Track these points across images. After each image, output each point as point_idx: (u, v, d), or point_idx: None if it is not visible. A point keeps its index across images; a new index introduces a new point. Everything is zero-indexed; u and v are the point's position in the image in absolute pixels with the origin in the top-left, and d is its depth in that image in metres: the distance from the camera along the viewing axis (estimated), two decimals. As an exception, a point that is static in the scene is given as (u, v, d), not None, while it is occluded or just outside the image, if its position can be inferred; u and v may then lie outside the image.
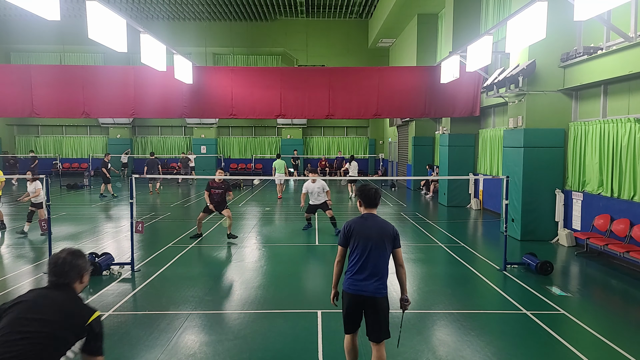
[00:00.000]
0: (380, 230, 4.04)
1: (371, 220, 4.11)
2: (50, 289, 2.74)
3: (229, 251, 9.65)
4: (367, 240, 3.99)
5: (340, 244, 4.14)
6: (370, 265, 3.97)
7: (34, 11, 6.25)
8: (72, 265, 2.76)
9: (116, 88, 14.20)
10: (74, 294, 2.78)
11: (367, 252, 3.98)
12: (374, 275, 3.96)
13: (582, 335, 5.61)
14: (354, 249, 4.04)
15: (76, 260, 2.80)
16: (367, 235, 4.01)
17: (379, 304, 3.97)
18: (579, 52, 9.66)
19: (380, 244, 3.99)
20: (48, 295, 2.68)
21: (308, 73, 15.20)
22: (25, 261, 8.79)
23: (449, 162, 16.09)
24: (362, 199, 4.19)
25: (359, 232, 4.04)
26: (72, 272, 2.76)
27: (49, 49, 29.54)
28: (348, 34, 29.61)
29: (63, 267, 2.74)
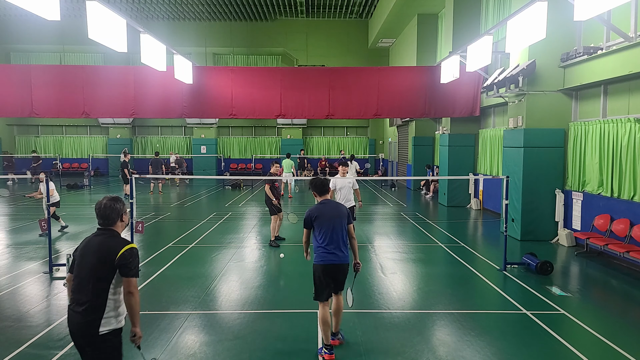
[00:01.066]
0: (337, 211, 5.04)
1: (328, 205, 5.10)
2: (96, 234, 3.51)
3: (229, 251, 9.64)
4: (329, 221, 4.95)
5: (306, 227, 5.08)
6: (335, 240, 4.92)
7: (34, 11, 6.25)
8: (112, 208, 3.48)
9: (116, 88, 14.19)
10: (116, 232, 3.52)
11: (331, 230, 4.93)
12: (340, 247, 4.94)
13: (582, 335, 5.61)
14: (320, 230, 4.95)
15: (115, 204, 3.51)
16: (329, 217, 4.97)
17: (345, 268, 5.01)
18: (579, 52, 9.66)
19: (339, 222, 4.97)
20: (89, 243, 3.46)
21: (308, 73, 15.20)
22: (25, 261, 8.79)
23: (449, 162, 16.09)
24: (315, 189, 5.21)
25: (321, 216, 4.97)
26: (113, 214, 3.49)
27: (49, 49, 29.54)
28: (348, 34, 29.61)
29: (105, 211, 3.47)
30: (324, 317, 4.91)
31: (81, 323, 3.28)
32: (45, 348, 5.13)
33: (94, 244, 3.43)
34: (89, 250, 3.40)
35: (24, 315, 6.08)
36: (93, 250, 3.39)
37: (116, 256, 3.32)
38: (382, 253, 9.58)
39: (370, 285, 7.43)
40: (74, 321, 3.32)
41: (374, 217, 14.44)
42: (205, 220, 13.37)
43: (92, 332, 3.26)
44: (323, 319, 4.91)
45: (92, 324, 3.26)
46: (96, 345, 3.30)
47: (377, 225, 12.90)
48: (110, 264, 3.32)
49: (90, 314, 3.27)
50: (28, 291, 7.10)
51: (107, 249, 3.37)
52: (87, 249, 3.42)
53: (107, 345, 3.32)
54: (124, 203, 3.59)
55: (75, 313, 3.31)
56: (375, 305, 6.51)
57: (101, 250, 3.37)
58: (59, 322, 5.85)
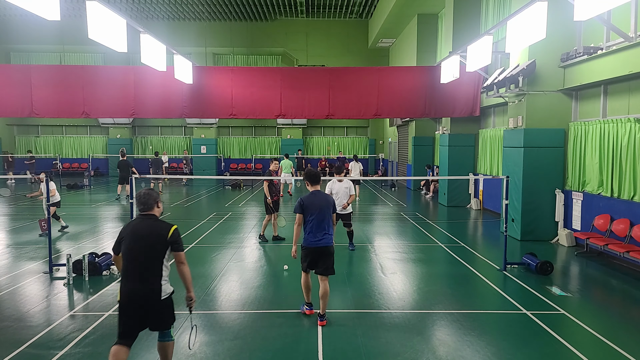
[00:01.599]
0: (325, 202, 5.80)
1: (318, 195, 5.82)
2: (140, 218, 4.18)
3: (229, 251, 9.64)
4: (318, 209, 5.71)
5: (299, 212, 5.74)
6: (322, 226, 5.73)
7: (34, 11, 6.25)
8: (150, 195, 4.22)
9: (116, 88, 14.19)
10: (155, 217, 4.22)
11: (320, 219, 5.71)
12: (326, 233, 5.76)
13: (582, 335, 5.61)
14: (310, 217, 5.71)
15: (152, 193, 4.27)
16: (318, 206, 5.73)
17: (329, 250, 5.80)
18: (579, 52, 9.66)
19: (327, 211, 5.79)
20: (138, 226, 4.13)
21: (308, 73, 15.20)
22: (25, 261, 8.79)
23: (449, 162, 16.09)
24: (308, 179, 5.92)
25: (311, 205, 5.72)
26: (150, 200, 4.20)
27: (49, 49, 29.54)
28: (348, 34, 29.60)
29: (144, 198, 4.19)
30: (307, 283, 5.99)
31: (146, 293, 4.01)
32: (45, 348, 5.13)
33: (144, 227, 4.10)
34: (141, 234, 4.06)
35: (24, 315, 6.08)
36: (146, 233, 4.06)
37: (167, 236, 4.06)
38: (382, 253, 9.58)
39: (370, 285, 7.43)
40: (137, 293, 4.00)
41: (374, 217, 14.44)
42: (205, 220, 13.37)
43: (156, 299, 4.03)
44: (305, 285, 5.99)
45: (155, 292, 4.02)
46: (160, 309, 4.09)
47: (377, 225, 12.90)
48: (164, 243, 4.05)
49: (153, 285, 4.02)
50: (28, 291, 7.10)
51: (158, 230, 4.09)
52: (138, 232, 4.07)
53: (167, 307, 4.15)
54: (157, 193, 4.34)
55: (139, 286, 4.00)
56: (375, 305, 6.51)
57: (153, 232, 4.07)
58: (59, 322, 5.85)
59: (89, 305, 6.49)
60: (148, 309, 4.05)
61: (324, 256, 5.77)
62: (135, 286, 4.00)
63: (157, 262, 4.04)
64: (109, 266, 7.98)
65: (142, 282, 4.00)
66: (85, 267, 7.69)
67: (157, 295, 4.03)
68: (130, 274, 4.02)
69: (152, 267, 4.02)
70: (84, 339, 5.36)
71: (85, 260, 7.72)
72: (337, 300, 6.78)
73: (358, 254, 9.50)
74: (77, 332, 5.54)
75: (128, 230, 4.11)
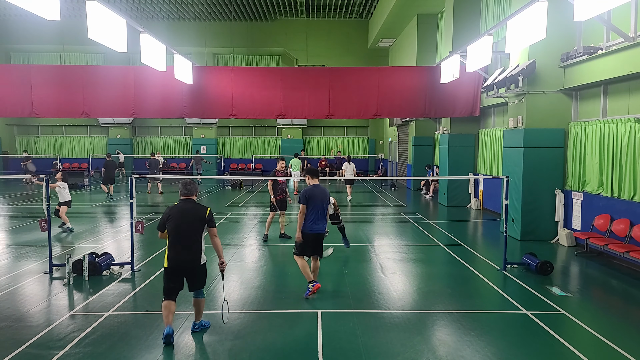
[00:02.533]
0: (324, 194, 6.87)
1: (318, 188, 6.86)
2: (184, 201, 5.38)
3: (229, 251, 9.64)
4: (319, 201, 6.76)
5: (303, 203, 6.72)
6: (320, 216, 6.79)
7: (34, 11, 6.25)
8: (193, 185, 5.50)
9: (116, 88, 14.19)
10: (194, 200, 5.46)
11: (319, 208, 6.76)
12: (323, 221, 6.86)
13: (582, 335, 5.61)
14: (311, 207, 6.72)
15: (194, 183, 5.54)
16: (319, 198, 6.78)
17: (323, 235, 7.00)
18: (579, 52, 9.66)
19: (325, 202, 6.87)
20: (184, 207, 5.33)
21: (308, 73, 15.19)
22: (25, 261, 8.79)
23: (449, 162, 16.09)
24: (310, 174, 7.00)
25: (313, 196, 6.73)
26: (193, 188, 5.48)
27: (49, 49, 29.55)
28: (348, 34, 29.60)
29: (190, 185, 5.44)
30: (304, 265, 6.85)
31: (190, 259, 5.26)
32: (45, 348, 5.13)
33: (188, 208, 5.30)
34: (186, 213, 5.26)
35: (24, 315, 6.08)
36: (190, 213, 5.27)
37: (205, 215, 5.28)
38: (382, 253, 9.57)
39: (370, 285, 7.44)
40: (183, 259, 5.23)
41: (374, 217, 14.44)
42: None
43: (196, 264, 5.31)
44: (303, 266, 6.85)
45: (197, 259, 5.29)
46: (199, 272, 5.37)
47: (377, 225, 12.89)
48: (202, 221, 5.28)
49: (195, 253, 5.27)
50: (28, 291, 7.10)
51: (198, 211, 5.31)
52: (182, 212, 5.26)
53: (204, 271, 5.46)
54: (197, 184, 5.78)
55: (184, 254, 5.22)
56: (375, 305, 6.51)
57: (195, 212, 5.29)
58: (59, 322, 5.85)
59: (89, 305, 6.49)
60: (190, 272, 5.29)
61: (320, 240, 6.91)
62: (182, 254, 5.20)
63: (198, 235, 5.28)
64: (109, 266, 7.98)
65: (187, 251, 5.21)
66: (85, 267, 7.69)
67: (198, 262, 5.29)
68: (178, 245, 5.20)
69: (194, 239, 5.25)
70: (84, 339, 5.36)
71: (85, 260, 7.71)
72: (337, 300, 6.78)
73: (358, 254, 9.51)
74: (77, 332, 5.54)
75: (175, 210, 5.28)
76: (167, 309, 5.22)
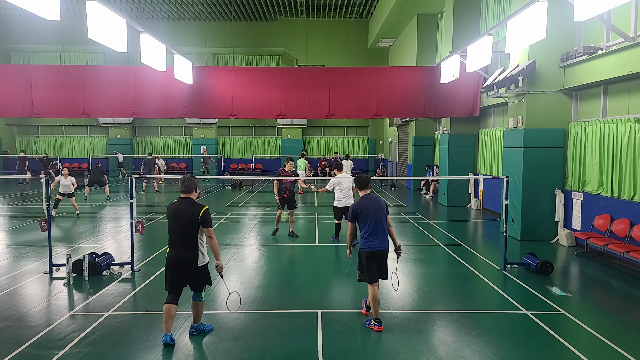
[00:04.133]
0: (376, 204, 5.86)
1: (369, 198, 5.88)
2: (180, 201, 5.22)
3: (229, 251, 9.64)
4: (371, 213, 5.75)
5: (350, 221, 5.91)
6: (377, 230, 5.74)
7: (34, 11, 6.24)
8: (191, 180, 5.28)
9: (116, 88, 14.19)
10: (192, 200, 5.27)
11: (374, 221, 5.74)
12: (381, 236, 5.76)
13: (582, 335, 5.61)
14: (365, 222, 5.75)
15: (193, 180, 5.30)
16: (370, 210, 5.77)
17: (385, 255, 5.84)
18: (579, 52, 9.66)
19: (380, 213, 5.80)
20: (179, 206, 5.19)
21: (308, 73, 15.19)
22: (25, 261, 8.79)
23: (449, 162, 16.08)
24: (357, 184, 6.07)
25: (364, 209, 5.77)
26: (192, 185, 5.27)
27: (49, 49, 29.53)
28: (348, 34, 29.59)
29: (187, 182, 5.24)
30: (374, 295, 5.72)
31: (187, 259, 5.12)
32: (45, 348, 5.13)
33: (183, 208, 5.13)
34: (181, 213, 5.11)
35: (24, 315, 6.08)
36: (184, 213, 5.10)
37: (199, 215, 5.07)
38: (382, 253, 9.56)
39: (370, 285, 7.43)
40: (180, 260, 5.12)
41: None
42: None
43: (193, 266, 5.14)
44: (373, 298, 5.72)
45: (193, 260, 5.13)
46: (197, 273, 5.20)
47: (377, 225, 12.88)
48: (196, 221, 5.07)
49: (191, 253, 5.11)
50: (28, 291, 7.10)
51: (193, 211, 5.10)
52: (177, 212, 5.13)
53: (202, 273, 5.26)
54: (197, 180, 5.38)
55: (181, 254, 5.11)
56: (375, 305, 6.50)
57: (189, 212, 5.10)
58: (59, 322, 5.85)
59: (89, 305, 6.49)
60: (186, 272, 5.17)
61: (381, 260, 5.80)
62: (176, 254, 5.14)
63: (192, 235, 5.10)
64: (108, 266, 7.98)
65: (181, 250, 5.12)
66: (85, 267, 7.69)
67: (193, 262, 5.12)
68: (174, 244, 5.16)
69: (188, 239, 5.11)
70: (84, 339, 5.36)
71: (85, 260, 7.71)
72: (337, 300, 6.78)
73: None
74: (77, 332, 5.54)
75: (171, 209, 5.21)
76: (167, 314, 5.15)
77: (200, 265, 5.16)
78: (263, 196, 19.53)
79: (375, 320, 5.69)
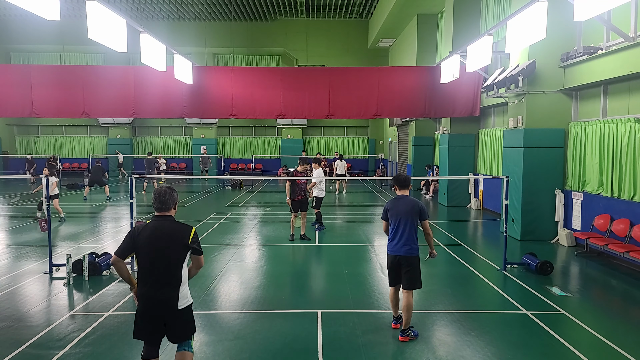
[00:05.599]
0: (408, 207, 5.38)
1: (402, 199, 5.48)
2: (157, 219, 3.88)
3: (229, 251, 9.64)
4: (398, 214, 5.37)
5: (383, 219, 5.61)
6: (400, 233, 5.34)
7: (34, 11, 6.25)
8: (170, 195, 3.94)
9: (116, 88, 14.18)
10: (172, 218, 3.92)
11: (398, 223, 5.37)
12: (402, 241, 5.33)
13: (582, 335, 5.61)
14: (391, 222, 5.43)
15: (172, 193, 3.96)
16: (398, 211, 5.39)
17: (409, 261, 5.32)
18: (579, 52, 9.66)
19: (408, 217, 5.34)
20: (157, 227, 3.83)
21: (308, 73, 15.19)
22: (25, 261, 8.79)
23: (449, 162, 16.08)
24: (396, 183, 5.62)
25: (392, 209, 5.46)
26: (170, 200, 3.93)
27: (49, 49, 29.54)
28: (348, 34, 29.60)
29: (164, 196, 3.90)
30: (390, 297, 5.63)
31: (164, 299, 3.75)
32: (45, 348, 5.13)
33: (164, 229, 3.82)
34: (160, 237, 3.78)
35: (24, 315, 6.08)
36: (165, 236, 3.79)
37: (189, 239, 3.81)
38: (382, 253, 9.57)
39: (370, 285, 7.43)
40: (156, 301, 3.75)
41: (374, 217, 14.44)
42: (205, 220, 13.37)
43: (174, 307, 3.77)
44: (391, 300, 5.64)
45: (173, 299, 3.76)
46: (177, 319, 3.83)
47: (377, 225, 12.89)
48: (184, 246, 3.82)
49: (172, 292, 3.76)
50: (28, 291, 7.10)
51: (178, 233, 3.82)
52: (154, 236, 3.78)
53: (186, 317, 3.89)
54: (177, 193, 4.04)
55: (155, 293, 3.74)
56: (375, 305, 6.51)
57: (173, 235, 3.81)
58: (59, 322, 5.85)
59: (89, 305, 6.49)
60: (165, 318, 3.81)
61: (404, 266, 5.34)
62: (151, 292, 3.74)
63: (176, 268, 3.79)
64: (109, 266, 7.98)
65: (158, 288, 3.74)
66: (85, 267, 7.69)
67: (175, 303, 3.77)
68: (148, 280, 3.76)
69: (171, 272, 3.77)
70: (84, 339, 5.36)
71: (85, 260, 7.71)
72: (337, 300, 6.78)
73: (358, 254, 9.51)
74: (77, 332, 5.54)
75: (145, 233, 3.79)
76: None
77: (182, 308, 3.82)
78: (263, 196, 19.54)
79: (394, 318, 5.62)
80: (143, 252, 3.78)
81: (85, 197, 18.10)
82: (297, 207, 10.53)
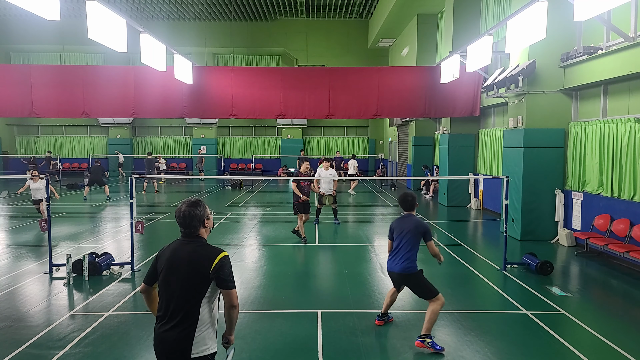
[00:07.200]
0: (411, 227, 5.36)
1: (407, 219, 5.48)
2: (182, 241, 3.15)
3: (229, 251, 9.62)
4: (401, 233, 5.40)
5: (389, 238, 5.61)
6: (400, 252, 5.35)
7: (34, 11, 6.25)
8: (192, 215, 3.11)
9: (116, 88, 14.18)
10: (203, 240, 3.17)
11: (399, 242, 5.38)
12: (398, 258, 5.36)
13: (582, 335, 5.61)
14: (394, 241, 5.47)
15: (194, 210, 3.13)
16: (403, 230, 5.39)
17: (408, 279, 5.37)
18: (579, 52, 9.66)
19: (410, 235, 5.33)
20: (177, 250, 3.11)
21: (308, 73, 15.19)
22: (25, 261, 8.79)
23: (449, 162, 16.08)
24: (401, 205, 5.61)
25: (396, 228, 5.50)
26: (194, 221, 3.12)
27: (49, 49, 29.54)
28: (348, 34, 29.60)
29: (186, 220, 3.11)
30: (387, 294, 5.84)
31: (175, 342, 2.95)
32: (45, 348, 5.13)
33: (184, 253, 3.07)
34: (179, 261, 3.05)
35: (24, 315, 6.08)
36: (184, 260, 3.04)
37: (211, 267, 2.98)
38: (382, 253, 9.57)
39: (370, 285, 7.44)
40: (164, 340, 2.98)
41: (374, 217, 14.45)
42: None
43: (185, 355, 2.93)
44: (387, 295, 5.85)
45: (184, 345, 2.94)
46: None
47: (377, 225, 12.89)
48: (205, 276, 2.99)
49: (185, 333, 2.94)
50: (28, 291, 7.10)
51: (198, 258, 3.03)
52: (175, 258, 3.07)
53: None
54: (204, 207, 3.20)
55: (165, 331, 2.98)
56: (375, 305, 6.51)
57: (192, 260, 3.03)
58: (59, 322, 5.85)
59: (89, 305, 6.49)
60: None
61: (408, 286, 5.42)
62: (166, 332, 2.99)
63: (193, 303, 2.98)
64: (109, 266, 7.98)
65: (173, 326, 2.97)
66: (85, 267, 7.69)
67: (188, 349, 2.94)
68: (163, 313, 3.05)
69: (182, 308, 2.98)
70: (84, 339, 5.36)
71: (85, 260, 7.71)
72: (337, 300, 6.78)
73: (358, 254, 9.51)
74: (77, 332, 5.54)
75: (164, 257, 3.13)
76: None
77: (196, 357, 2.97)
78: (263, 196, 19.54)
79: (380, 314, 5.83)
80: (159, 280, 3.11)
81: (85, 197, 18.11)
82: (302, 209, 10.47)
